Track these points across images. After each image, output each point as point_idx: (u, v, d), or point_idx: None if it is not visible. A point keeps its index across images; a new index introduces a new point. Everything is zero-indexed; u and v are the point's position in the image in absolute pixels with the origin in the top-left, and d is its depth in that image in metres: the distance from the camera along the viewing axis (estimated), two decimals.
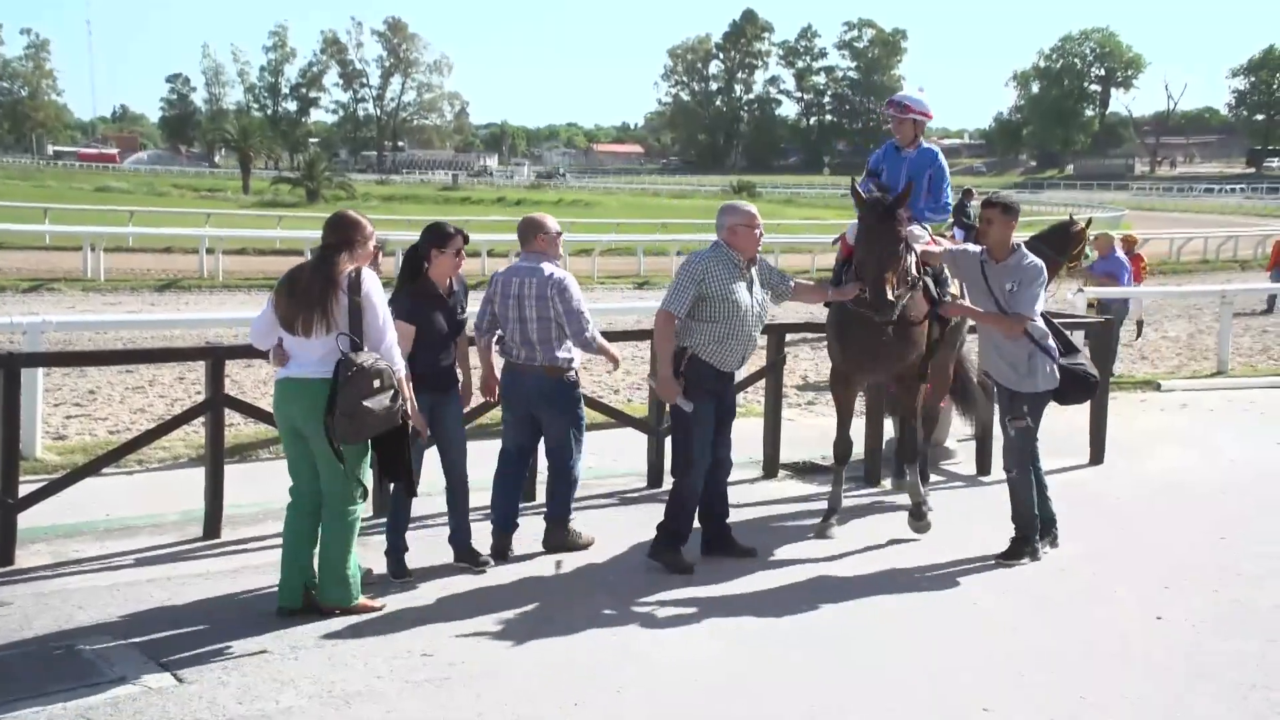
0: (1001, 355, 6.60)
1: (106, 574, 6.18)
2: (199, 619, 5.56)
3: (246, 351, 9.10)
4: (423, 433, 5.91)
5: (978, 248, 6.81)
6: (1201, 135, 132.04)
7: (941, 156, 7.63)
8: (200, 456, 8.40)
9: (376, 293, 5.44)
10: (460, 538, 6.34)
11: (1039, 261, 6.62)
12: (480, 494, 6.47)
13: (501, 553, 6.47)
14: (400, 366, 5.49)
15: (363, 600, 5.63)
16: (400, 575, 6.12)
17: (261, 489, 7.65)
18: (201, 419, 7.16)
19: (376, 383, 5.28)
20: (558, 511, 6.64)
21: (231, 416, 7.72)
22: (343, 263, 5.41)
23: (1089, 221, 12.69)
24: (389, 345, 5.43)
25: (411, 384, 5.75)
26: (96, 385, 11.75)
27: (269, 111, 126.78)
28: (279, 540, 6.68)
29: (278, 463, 8.81)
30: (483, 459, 6.59)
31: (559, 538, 6.62)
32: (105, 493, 7.48)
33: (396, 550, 6.16)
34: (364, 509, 5.71)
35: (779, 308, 7.37)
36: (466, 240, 6.17)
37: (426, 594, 5.94)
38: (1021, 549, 6.57)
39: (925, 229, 7.34)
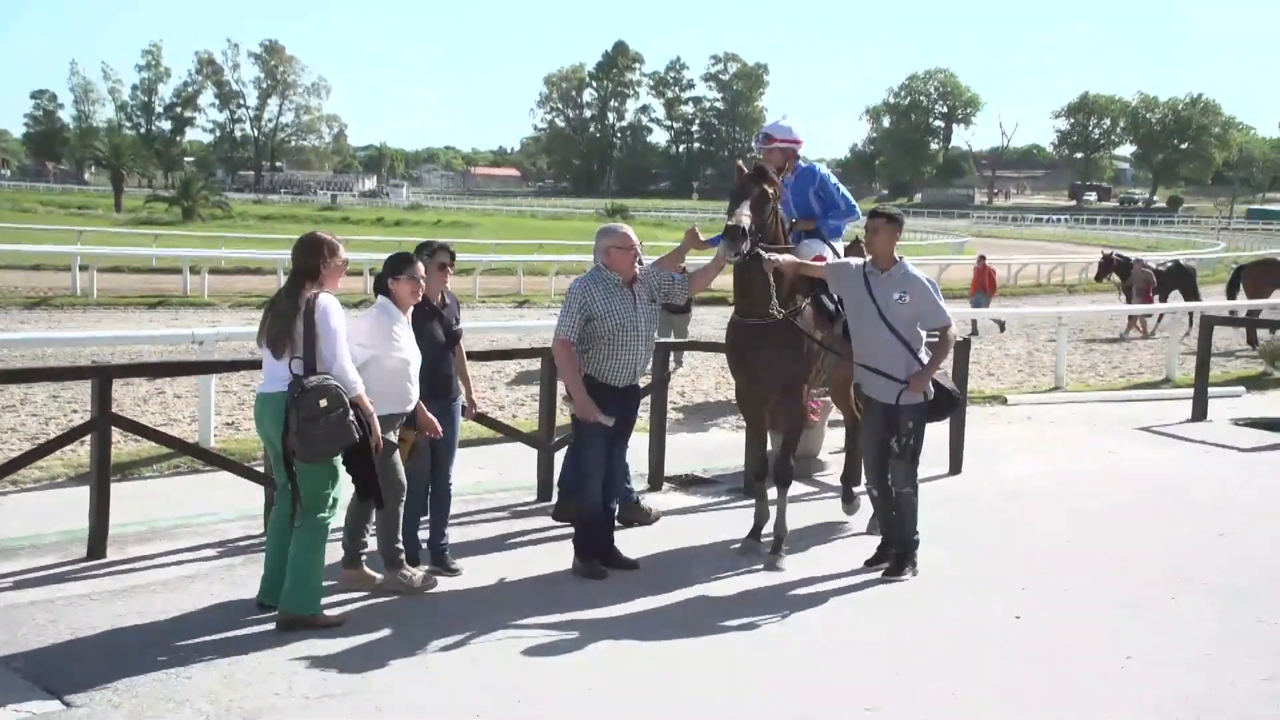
0: (879, 369, 6.41)
1: None
2: (87, 641, 5.28)
3: (133, 370, 8.82)
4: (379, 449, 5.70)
5: (858, 260, 6.72)
6: (1031, 170, 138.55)
7: (822, 169, 7.56)
8: (79, 475, 8.03)
9: (333, 315, 5.41)
10: (438, 543, 6.41)
11: (923, 273, 6.64)
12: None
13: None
14: (354, 386, 5.41)
15: (325, 614, 5.52)
16: (438, 567, 6.33)
17: (146, 508, 7.34)
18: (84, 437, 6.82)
19: (323, 402, 5.28)
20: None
21: (117, 433, 7.37)
22: (306, 288, 5.43)
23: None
24: (341, 366, 5.40)
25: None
26: None
27: (142, 130, 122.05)
28: (168, 560, 6.48)
29: (162, 481, 8.52)
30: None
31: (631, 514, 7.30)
32: None
33: (437, 546, 6.38)
34: (333, 520, 5.60)
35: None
36: (453, 256, 6.42)
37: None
38: (904, 564, 6.53)
39: (834, 245, 7.35)
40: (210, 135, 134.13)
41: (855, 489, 7.63)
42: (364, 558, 6.14)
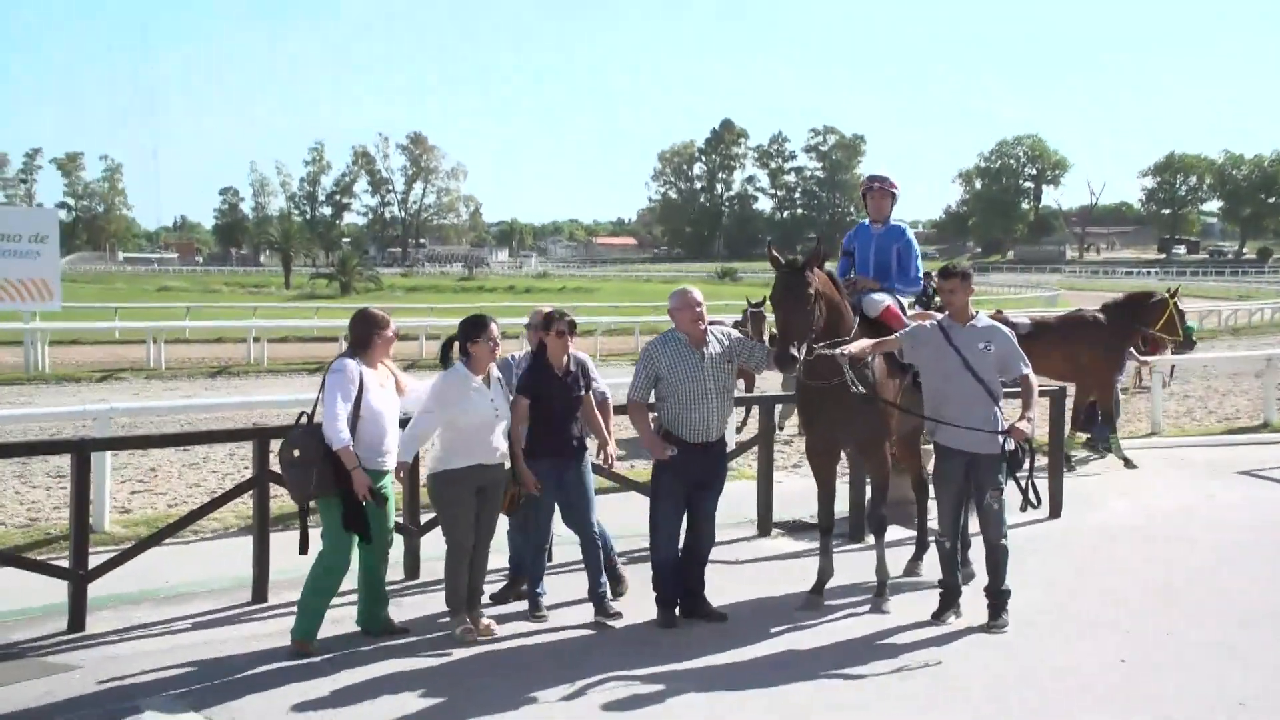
0: (969, 421, 6.02)
1: (166, 638, 6.02)
2: (249, 680, 5.38)
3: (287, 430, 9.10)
4: (364, 498, 5.66)
5: (929, 321, 6.42)
6: (1120, 226, 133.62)
7: (910, 232, 7.30)
8: (248, 526, 8.25)
9: (331, 379, 5.69)
10: (596, 590, 6.32)
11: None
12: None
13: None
14: (336, 440, 5.56)
15: (308, 644, 5.73)
16: (534, 611, 6.32)
17: (302, 555, 7.47)
18: (249, 492, 7.01)
19: (296, 451, 5.63)
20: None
21: (276, 489, 7.56)
22: (350, 356, 5.83)
23: (1172, 293, 12.03)
24: (328, 421, 5.59)
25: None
26: (157, 463, 11.60)
27: (307, 216, 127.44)
28: None
29: (315, 530, 8.65)
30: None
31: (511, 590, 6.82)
32: (165, 561, 7.31)
33: (595, 594, 6.34)
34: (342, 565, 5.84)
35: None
36: (570, 326, 6.33)
37: (424, 656, 5.77)
38: (1000, 613, 6.11)
39: (898, 299, 7.02)
40: (364, 218, 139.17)
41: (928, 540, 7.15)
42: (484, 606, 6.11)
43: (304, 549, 5.75)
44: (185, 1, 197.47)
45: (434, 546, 7.03)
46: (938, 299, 6.93)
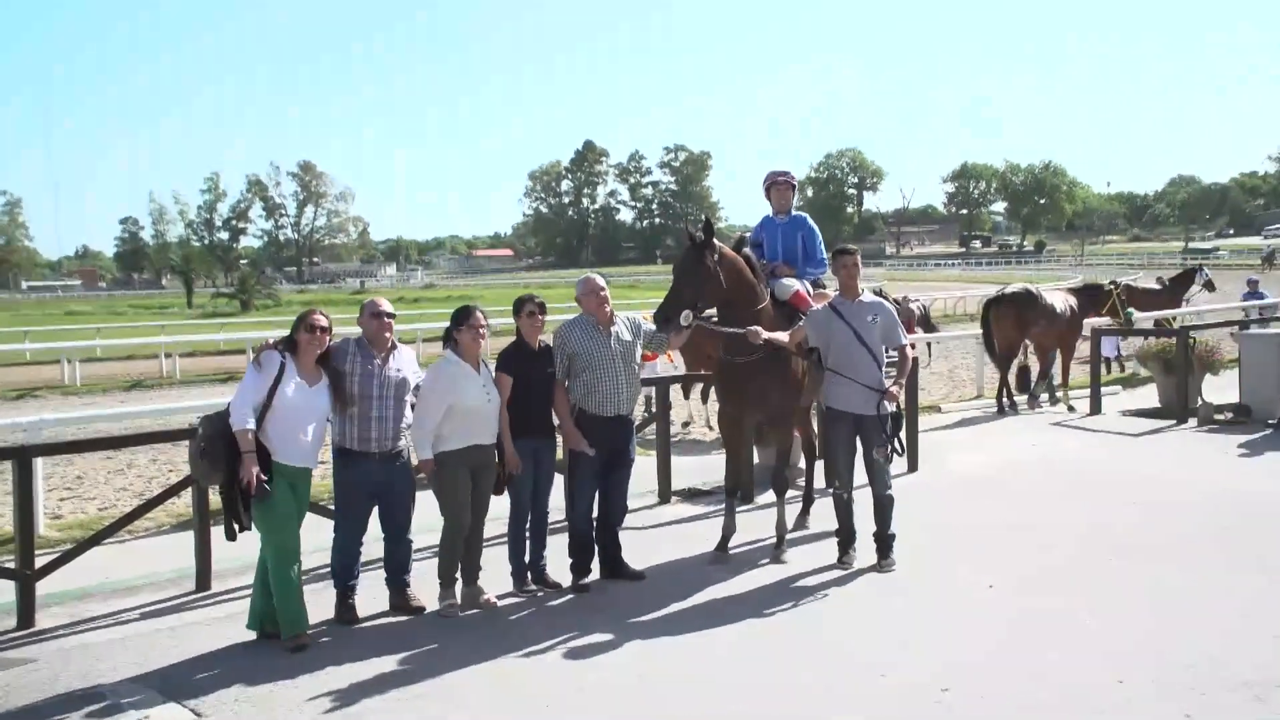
0: (865, 385, 6.01)
1: (118, 628, 5.59)
2: (205, 660, 5.05)
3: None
4: (249, 486, 5.06)
5: (821, 305, 6.46)
6: (928, 225, 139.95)
7: (810, 220, 7.33)
8: (182, 523, 7.77)
9: (251, 366, 5.27)
10: (538, 564, 6.02)
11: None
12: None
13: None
14: (238, 422, 5.07)
15: (289, 640, 5.16)
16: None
17: (241, 546, 7.04)
18: (187, 489, 6.57)
19: (200, 429, 5.20)
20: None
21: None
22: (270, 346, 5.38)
23: (1116, 285, 14.25)
24: (234, 404, 5.14)
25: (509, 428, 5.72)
26: (83, 471, 10.81)
27: (206, 241, 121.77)
28: None
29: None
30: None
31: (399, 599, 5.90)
32: (103, 560, 6.78)
33: (536, 567, 6.04)
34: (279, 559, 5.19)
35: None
36: (540, 307, 5.93)
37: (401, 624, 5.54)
38: (889, 553, 6.16)
39: (805, 284, 7.05)
40: (260, 240, 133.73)
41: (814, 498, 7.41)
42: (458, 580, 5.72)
43: (230, 535, 5.22)
44: (76, 43, 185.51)
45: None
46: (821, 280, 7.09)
